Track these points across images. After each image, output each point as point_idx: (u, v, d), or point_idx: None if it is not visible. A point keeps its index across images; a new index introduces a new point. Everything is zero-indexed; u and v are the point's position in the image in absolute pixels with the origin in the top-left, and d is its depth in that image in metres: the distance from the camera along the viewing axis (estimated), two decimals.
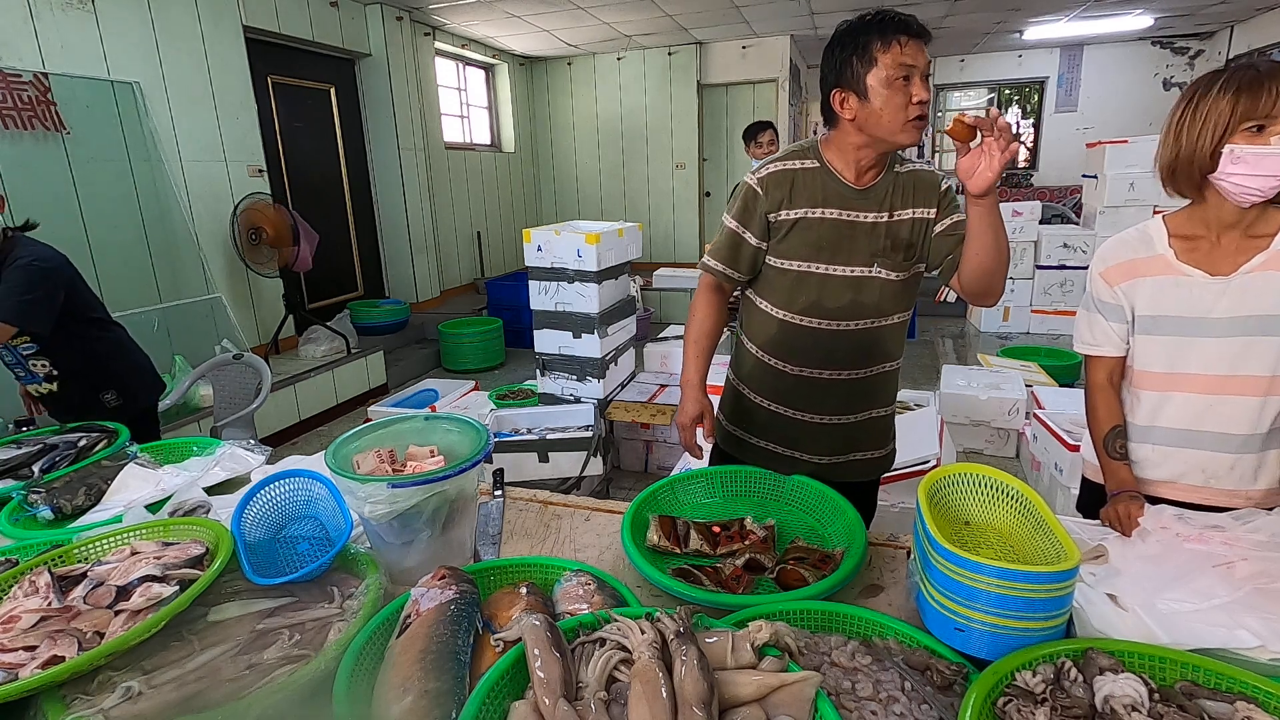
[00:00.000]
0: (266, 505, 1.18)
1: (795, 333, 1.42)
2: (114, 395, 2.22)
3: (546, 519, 1.38)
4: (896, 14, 1.24)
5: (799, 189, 1.36)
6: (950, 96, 9.76)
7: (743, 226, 1.41)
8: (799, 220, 1.36)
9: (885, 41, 1.22)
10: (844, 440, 1.50)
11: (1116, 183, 5.70)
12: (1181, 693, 0.77)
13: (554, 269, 3.14)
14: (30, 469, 1.60)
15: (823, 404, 1.46)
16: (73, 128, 3.49)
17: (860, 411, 1.48)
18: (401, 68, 5.99)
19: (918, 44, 1.23)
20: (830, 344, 1.41)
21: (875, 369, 1.45)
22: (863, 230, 1.34)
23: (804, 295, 1.39)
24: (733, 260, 1.44)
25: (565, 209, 8.72)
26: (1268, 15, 6.94)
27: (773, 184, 1.37)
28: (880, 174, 1.36)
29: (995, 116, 1.10)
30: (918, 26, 1.24)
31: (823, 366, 1.43)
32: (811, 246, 1.36)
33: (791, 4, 6.18)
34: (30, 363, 2.13)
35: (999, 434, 3.61)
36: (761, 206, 1.38)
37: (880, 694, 0.80)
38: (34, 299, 1.98)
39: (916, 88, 1.23)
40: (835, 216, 1.35)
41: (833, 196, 1.35)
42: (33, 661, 0.83)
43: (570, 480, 2.92)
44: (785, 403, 1.49)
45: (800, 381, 1.46)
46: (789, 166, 1.37)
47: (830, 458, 1.50)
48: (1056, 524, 0.92)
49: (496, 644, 0.85)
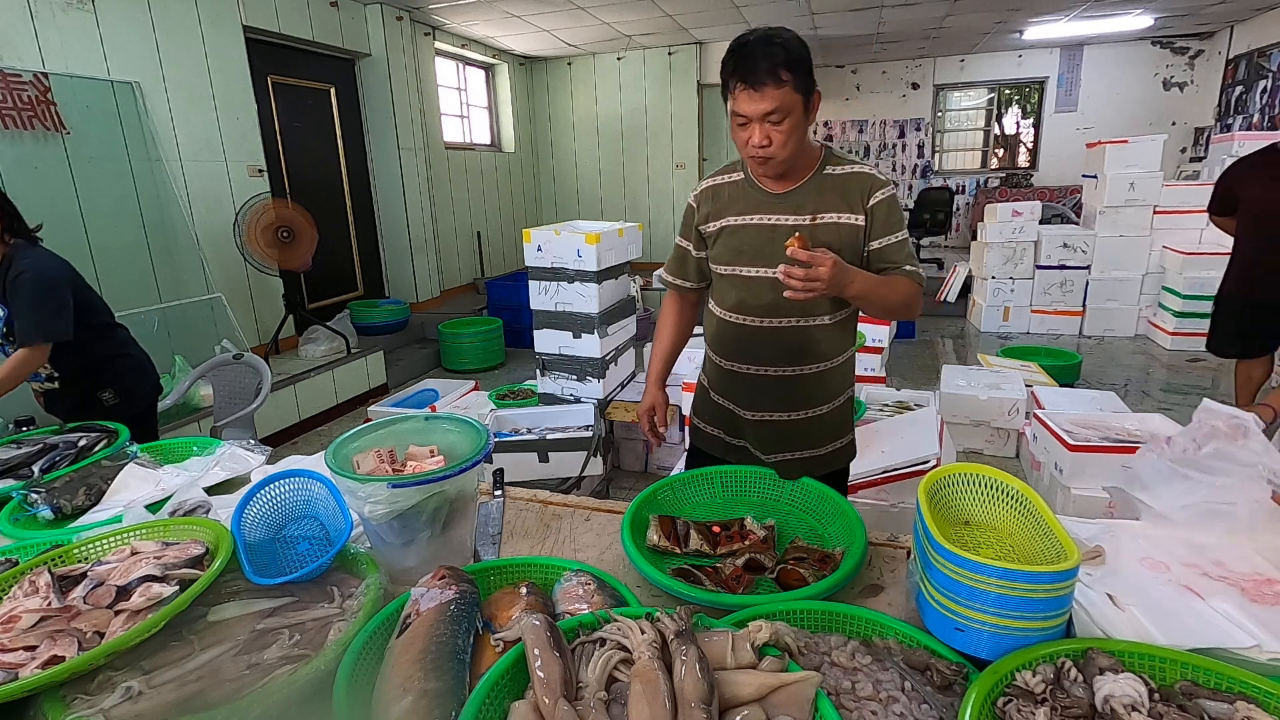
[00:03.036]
0: (266, 505, 1.18)
1: (729, 328, 1.51)
2: (112, 394, 2.22)
3: (546, 519, 1.38)
4: (748, 54, 1.24)
5: (725, 200, 1.47)
6: (950, 96, 9.75)
7: (684, 240, 1.58)
8: (723, 229, 1.46)
9: (730, 85, 1.28)
10: (784, 438, 1.53)
11: (1116, 183, 5.70)
12: (1181, 693, 0.77)
13: (554, 269, 3.14)
14: (30, 469, 1.60)
15: (757, 400, 1.52)
16: (73, 128, 3.49)
17: (797, 410, 1.51)
18: (401, 68, 5.99)
19: (756, 93, 1.24)
20: (757, 340, 1.47)
21: (807, 368, 1.48)
22: (783, 233, 1.37)
23: (733, 293, 1.48)
24: (679, 271, 1.62)
25: (565, 209, 8.72)
26: (1268, 15, 6.94)
27: (704, 199, 1.50)
28: (804, 179, 1.40)
29: (797, 255, 1.18)
30: (763, 74, 1.22)
31: (750, 362, 1.50)
32: (734, 250, 1.45)
33: (791, 4, 6.18)
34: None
35: (999, 434, 3.61)
36: (695, 220, 1.52)
37: (880, 694, 0.80)
38: (51, 311, 2.04)
39: (752, 133, 1.28)
40: (756, 222, 1.43)
41: (753, 204, 1.43)
42: (33, 661, 0.83)
43: (570, 480, 2.92)
44: (727, 396, 1.58)
45: (734, 376, 1.54)
46: (717, 181, 1.50)
47: (776, 455, 1.53)
48: (1056, 524, 0.92)
49: (496, 644, 0.85)
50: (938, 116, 9.75)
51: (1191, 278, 5.32)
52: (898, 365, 5.25)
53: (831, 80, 9.76)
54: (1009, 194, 8.68)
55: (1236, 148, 5.43)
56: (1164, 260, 5.72)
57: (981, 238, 6.32)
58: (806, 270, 1.18)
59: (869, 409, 3.48)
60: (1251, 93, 7.23)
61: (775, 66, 1.22)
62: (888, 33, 7.59)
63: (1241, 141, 5.49)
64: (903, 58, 9.34)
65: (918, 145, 9.79)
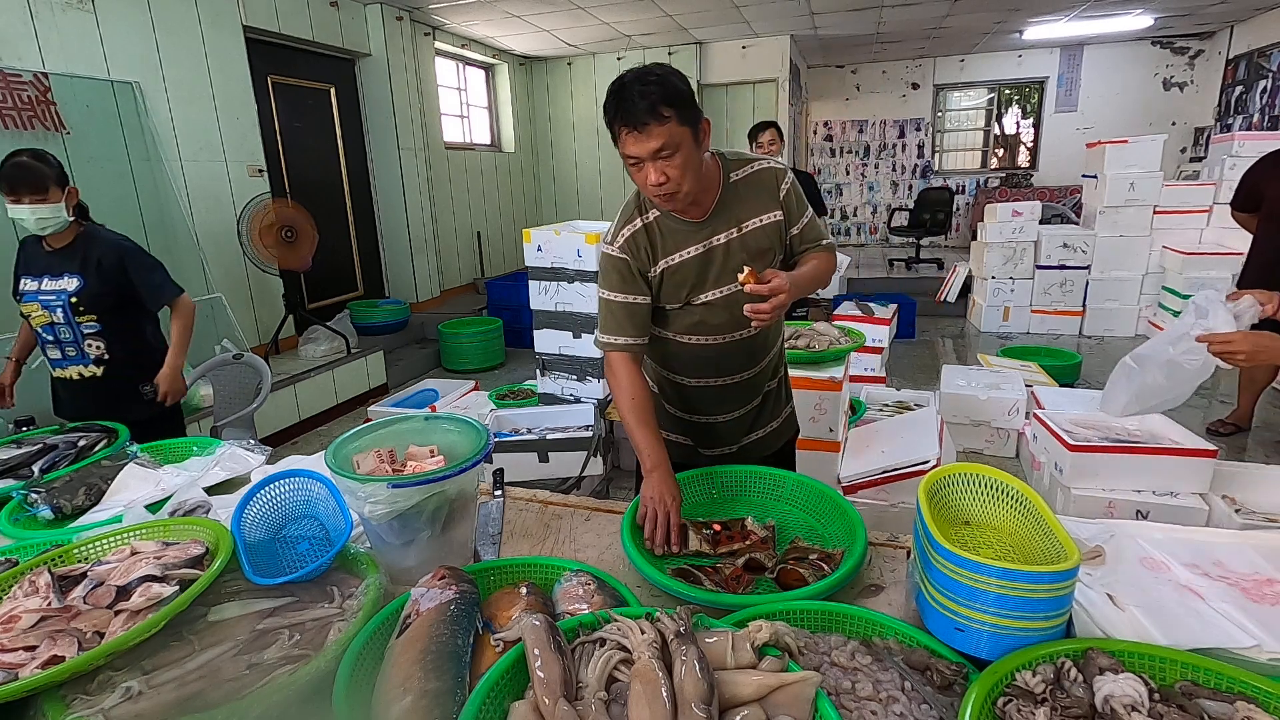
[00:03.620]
0: (266, 505, 1.18)
1: (689, 350, 1.51)
2: (152, 388, 2.22)
3: (546, 519, 1.38)
4: (626, 96, 1.21)
5: (654, 243, 1.41)
6: (950, 96, 9.75)
7: (624, 294, 1.43)
8: (664, 271, 1.42)
9: (615, 130, 1.25)
10: (746, 425, 1.64)
11: (1116, 183, 5.69)
12: (1181, 693, 0.77)
13: (554, 269, 3.14)
14: (30, 469, 1.60)
15: (722, 404, 1.59)
16: (73, 128, 3.49)
17: (755, 398, 1.62)
18: (401, 68, 5.99)
19: (641, 134, 1.21)
20: (721, 354, 1.51)
21: (763, 361, 1.58)
22: (719, 253, 1.40)
23: (688, 319, 1.47)
24: (628, 328, 1.44)
25: (565, 209, 8.71)
26: (1268, 15, 6.94)
27: (631, 247, 1.41)
28: (716, 195, 1.39)
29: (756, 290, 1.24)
30: (644, 114, 1.20)
31: (718, 374, 1.54)
32: (682, 286, 1.43)
33: (791, 4, 6.18)
34: (85, 342, 2.16)
35: (999, 434, 3.61)
36: (633, 268, 1.42)
37: (880, 694, 0.80)
38: (163, 268, 2.26)
39: (649, 173, 1.25)
40: (692, 253, 1.41)
41: (680, 239, 1.40)
42: (33, 661, 0.83)
43: (570, 480, 2.92)
44: (691, 410, 1.62)
45: (702, 390, 1.58)
46: (635, 227, 1.41)
47: (736, 444, 1.64)
48: (1056, 524, 0.92)
49: (496, 644, 0.85)
50: (938, 116, 9.75)
51: (1191, 278, 5.31)
52: (898, 365, 5.25)
53: (831, 80, 9.76)
54: (1009, 194, 8.68)
55: (1236, 148, 5.43)
56: (1164, 260, 5.71)
57: (981, 238, 6.32)
58: (769, 301, 1.24)
59: (869, 409, 3.48)
60: (1251, 93, 7.23)
61: (654, 105, 1.20)
62: (888, 33, 7.59)
63: (1241, 141, 5.48)
64: (903, 58, 9.34)
65: (918, 145, 9.79)
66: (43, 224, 2.04)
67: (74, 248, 2.14)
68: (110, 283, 2.14)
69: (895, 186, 10.02)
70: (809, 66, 9.39)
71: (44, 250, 2.14)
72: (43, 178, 2.00)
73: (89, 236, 2.16)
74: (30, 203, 1.99)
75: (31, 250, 2.18)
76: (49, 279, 2.12)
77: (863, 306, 5.20)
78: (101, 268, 2.13)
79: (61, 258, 2.13)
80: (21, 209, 2.00)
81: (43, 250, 2.14)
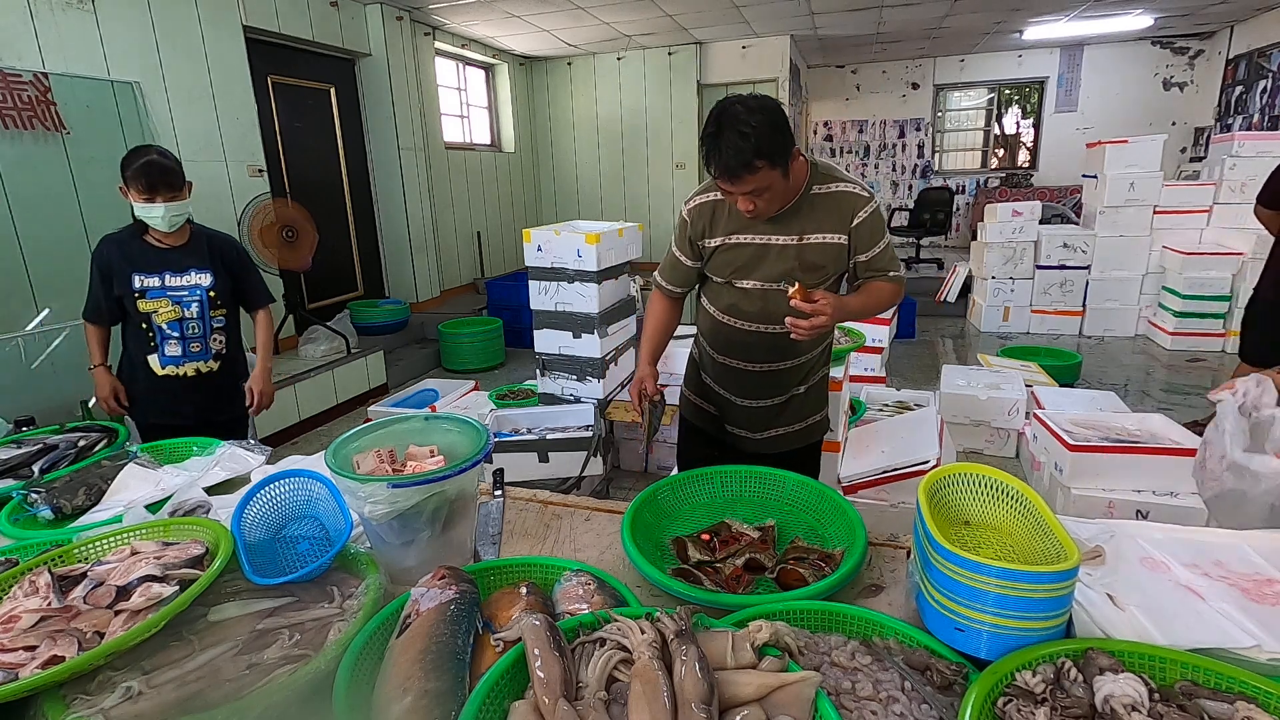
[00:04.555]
0: (266, 505, 1.18)
1: (721, 328, 1.65)
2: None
3: (546, 519, 1.38)
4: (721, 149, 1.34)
5: (719, 218, 1.56)
6: (950, 96, 9.75)
7: (679, 251, 1.66)
8: (720, 245, 1.57)
9: (709, 166, 1.40)
10: (766, 418, 1.71)
11: (1116, 183, 5.70)
12: (1181, 693, 0.77)
13: (554, 269, 3.14)
14: (30, 469, 1.60)
15: (746, 389, 1.69)
16: (73, 128, 3.48)
17: (779, 395, 1.69)
18: (401, 68, 5.99)
19: (733, 183, 1.37)
20: (747, 341, 1.62)
21: (788, 363, 1.65)
22: (774, 251, 1.52)
23: (726, 299, 1.61)
24: (671, 278, 1.71)
25: (565, 209, 8.71)
26: (1268, 15, 6.94)
27: (696, 215, 1.59)
28: (791, 200, 1.49)
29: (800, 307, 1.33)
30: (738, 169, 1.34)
31: (741, 359, 1.65)
32: (730, 265, 1.57)
33: (791, 4, 6.18)
34: (213, 337, 2.19)
35: (999, 434, 3.61)
36: (689, 233, 1.61)
37: (880, 694, 0.80)
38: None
39: (739, 201, 1.43)
40: (750, 241, 1.53)
41: (744, 224, 1.53)
42: (33, 661, 0.83)
43: (570, 480, 2.92)
44: (719, 383, 1.74)
45: (727, 369, 1.69)
46: (710, 199, 1.57)
47: (759, 433, 1.72)
48: (1056, 524, 0.92)
49: (496, 644, 0.85)
50: (938, 116, 9.75)
51: (1191, 278, 5.32)
52: (898, 365, 5.25)
53: (831, 80, 9.76)
54: (1009, 194, 8.68)
55: (1236, 148, 5.43)
56: (1164, 260, 5.71)
57: (981, 238, 6.32)
58: (810, 320, 1.32)
59: (869, 409, 3.48)
60: (1251, 93, 7.23)
61: (748, 160, 1.32)
62: (888, 33, 7.59)
63: (1241, 141, 5.48)
64: (903, 58, 9.34)
65: (918, 145, 9.79)
66: (175, 221, 2.05)
67: (195, 243, 2.15)
68: (233, 278, 2.21)
69: (895, 186, 10.02)
70: (809, 66, 9.38)
71: (154, 246, 2.12)
72: (178, 176, 2.03)
73: (201, 232, 2.19)
74: (165, 201, 2.00)
75: (133, 247, 2.12)
76: (171, 275, 2.11)
77: None
78: (225, 262, 2.19)
79: (183, 254, 2.13)
80: (155, 207, 2.00)
81: (151, 246, 2.12)
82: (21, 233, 3.25)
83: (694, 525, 1.30)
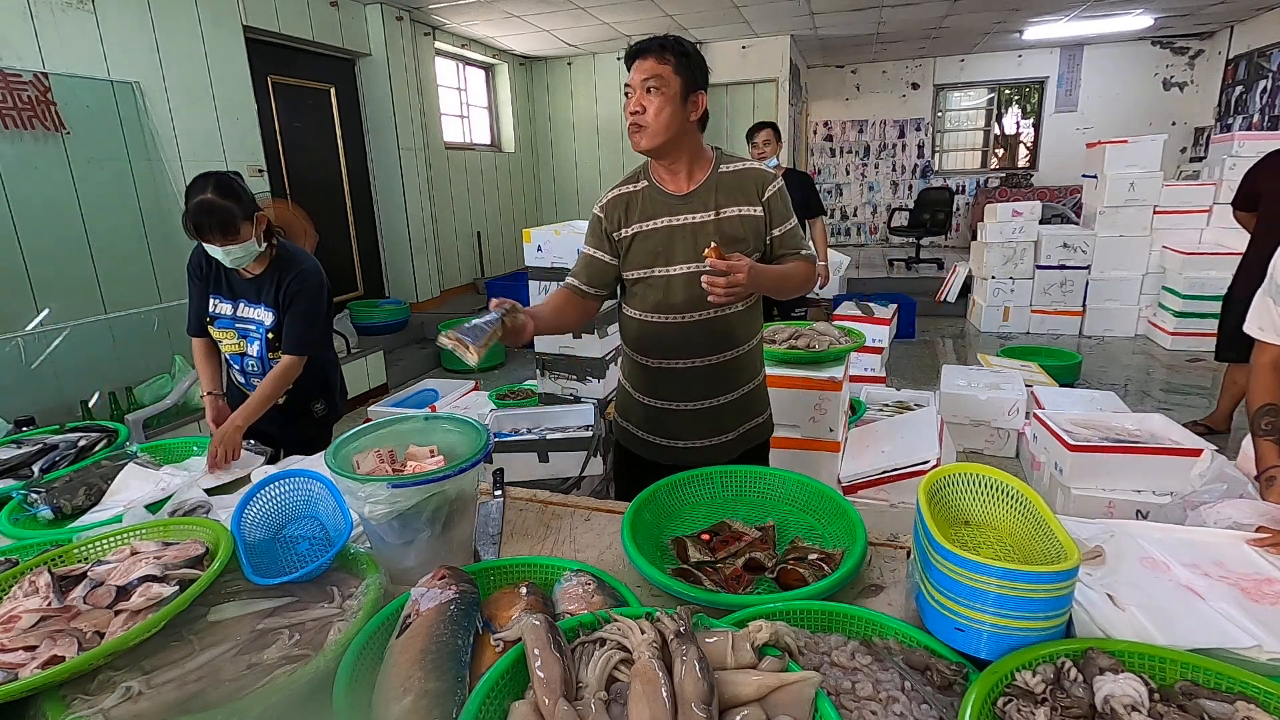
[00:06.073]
0: (266, 505, 1.18)
1: (651, 329, 1.60)
2: (323, 405, 2.20)
3: (546, 519, 1.38)
4: (648, 39, 1.44)
5: (633, 208, 1.56)
6: (950, 96, 9.75)
7: (592, 248, 1.62)
8: (635, 234, 1.55)
9: (629, 67, 1.46)
10: (715, 422, 1.64)
11: (1116, 183, 5.69)
12: (1181, 693, 0.77)
13: (554, 269, 3.14)
14: (30, 469, 1.60)
15: (686, 392, 1.62)
16: (73, 128, 3.48)
17: (726, 393, 1.63)
18: (401, 68, 5.99)
19: (641, 61, 1.43)
20: (681, 334, 1.57)
21: (728, 354, 1.60)
22: (690, 231, 1.52)
23: (652, 295, 1.57)
24: (582, 276, 1.63)
25: (565, 209, 8.72)
26: (1268, 15, 6.94)
27: (610, 208, 1.59)
28: (702, 179, 1.53)
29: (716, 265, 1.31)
30: (653, 47, 1.43)
31: (679, 356, 1.59)
32: (649, 254, 1.55)
33: (791, 4, 6.18)
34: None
35: (999, 434, 3.61)
36: (604, 227, 1.59)
37: (880, 694, 0.80)
38: (321, 325, 2.07)
39: (631, 101, 1.46)
40: (665, 224, 1.53)
41: (660, 208, 1.54)
42: (33, 661, 0.83)
43: (570, 480, 2.92)
44: (656, 395, 1.65)
45: (664, 372, 1.62)
46: (623, 191, 1.59)
47: (707, 440, 1.65)
48: (1056, 524, 0.92)
49: (496, 644, 0.85)
50: (938, 116, 9.75)
51: (1191, 278, 5.32)
52: (898, 365, 5.25)
53: (831, 80, 9.76)
54: (1009, 194, 8.68)
55: (1236, 148, 5.43)
56: (1164, 260, 5.71)
57: (981, 238, 6.32)
58: (726, 278, 1.31)
59: (869, 409, 3.48)
60: (1251, 93, 7.23)
61: (664, 46, 1.43)
62: (888, 33, 7.59)
63: (1241, 141, 5.48)
64: (903, 58, 9.34)
65: (918, 145, 9.79)
66: (239, 261, 1.90)
67: (268, 275, 1.97)
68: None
69: (895, 186, 10.02)
70: (809, 66, 9.38)
71: (240, 272, 1.98)
72: (231, 219, 1.80)
73: (281, 263, 1.98)
74: (222, 245, 1.82)
75: (215, 265, 1.98)
76: (245, 304, 1.99)
77: (863, 306, 5.20)
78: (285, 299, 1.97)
79: (256, 286, 1.97)
80: (214, 250, 1.84)
81: (230, 270, 1.97)
82: (21, 233, 3.25)
83: (694, 525, 1.30)
